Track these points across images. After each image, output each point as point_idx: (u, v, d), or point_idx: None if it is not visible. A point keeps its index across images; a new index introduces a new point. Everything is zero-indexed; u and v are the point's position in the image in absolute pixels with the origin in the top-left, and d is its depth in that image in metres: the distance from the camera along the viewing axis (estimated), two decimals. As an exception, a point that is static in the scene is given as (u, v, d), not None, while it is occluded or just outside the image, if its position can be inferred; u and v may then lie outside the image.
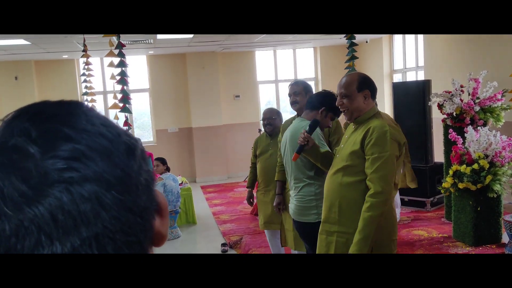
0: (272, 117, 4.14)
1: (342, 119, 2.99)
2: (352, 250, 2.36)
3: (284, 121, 3.83)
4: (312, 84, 10.46)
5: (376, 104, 2.66)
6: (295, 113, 3.50)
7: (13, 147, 0.41)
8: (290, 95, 3.51)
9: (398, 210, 5.85)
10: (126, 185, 0.43)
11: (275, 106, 10.06)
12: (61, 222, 0.39)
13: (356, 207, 2.42)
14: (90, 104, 6.16)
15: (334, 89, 3.67)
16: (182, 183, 6.38)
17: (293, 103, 3.49)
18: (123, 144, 0.45)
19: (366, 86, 2.50)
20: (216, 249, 5.20)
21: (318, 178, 2.88)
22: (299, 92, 3.44)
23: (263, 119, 4.24)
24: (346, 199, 2.47)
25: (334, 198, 2.51)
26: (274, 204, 3.60)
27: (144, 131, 10.17)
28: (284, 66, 10.17)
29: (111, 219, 0.41)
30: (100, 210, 0.41)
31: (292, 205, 3.04)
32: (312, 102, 3.01)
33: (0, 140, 0.42)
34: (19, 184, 0.39)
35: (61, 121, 0.44)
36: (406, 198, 6.21)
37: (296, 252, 3.56)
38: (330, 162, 2.68)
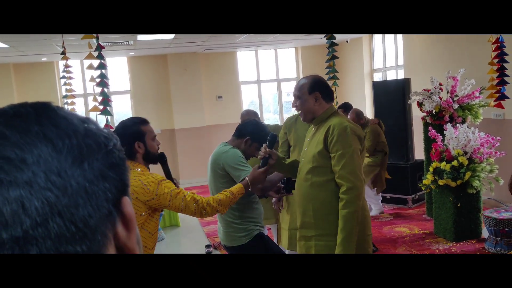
0: (251, 118, 4.15)
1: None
2: (338, 250, 2.35)
3: (286, 118, 3.78)
4: (293, 84, 10.49)
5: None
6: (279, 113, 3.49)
7: None
8: (294, 95, 3.46)
9: (379, 206, 5.93)
10: (61, 191, 0.41)
11: (257, 107, 10.08)
12: None
13: (330, 207, 2.41)
14: (69, 107, 6.11)
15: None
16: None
17: (293, 104, 3.45)
18: (71, 148, 0.44)
19: (316, 88, 2.54)
20: (201, 251, 5.19)
21: (239, 201, 2.76)
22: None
23: (243, 122, 4.24)
24: (319, 201, 2.45)
25: (306, 202, 2.50)
26: (274, 201, 3.48)
27: (126, 133, 10.09)
28: (266, 67, 10.20)
29: (35, 225, 0.40)
30: (21, 215, 0.40)
31: (220, 230, 2.97)
32: (239, 130, 2.95)
33: None
34: None
35: (4, 121, 0.44)
36: (388, 196, 6.27)
37: (288, 251, 3.58)
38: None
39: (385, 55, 8.66)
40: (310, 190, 2.47)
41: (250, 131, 2.88)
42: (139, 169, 2.30)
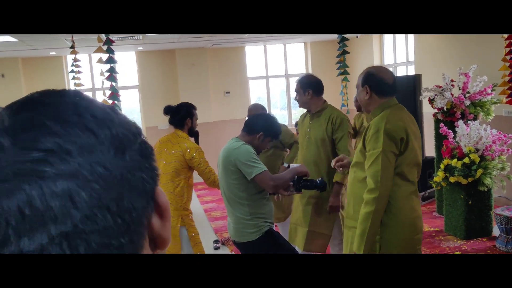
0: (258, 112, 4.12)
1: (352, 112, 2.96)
2: (354, 246, 2.39)
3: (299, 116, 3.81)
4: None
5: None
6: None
7: None
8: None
9: None
10: (106, 183, 0.40)
11: (265, 102, 10.04)
12: (29, 218, 0.37)
13: None
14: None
15: (325, 83, 3.66)
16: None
17: (296, 101, 3.52)
18: (112, 139, 0.43)
19: (368, 81, 2.53)
20: (209, 246, 5.18)
21: (250, 198, 2.78)
22: (297, 90, 3.43)
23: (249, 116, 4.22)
24: (357, 195, 2.49)
25: (350, 194, 2.56)
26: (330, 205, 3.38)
27: (134, 128, 10.11)
28: (275, 62, 10.14)
29: (84, 219, 0.39)
30: (71, 209, 0.38)
31: (230, 226, 2.96)
32: (249, 125, 2.89)
33: None
34: None
35: (42, 110, 0.42)
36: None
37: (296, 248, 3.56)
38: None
39: (395, 50, 8.58)
40: (353, 183, 2.51)
41: (263, 126, 2.86)
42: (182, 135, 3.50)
